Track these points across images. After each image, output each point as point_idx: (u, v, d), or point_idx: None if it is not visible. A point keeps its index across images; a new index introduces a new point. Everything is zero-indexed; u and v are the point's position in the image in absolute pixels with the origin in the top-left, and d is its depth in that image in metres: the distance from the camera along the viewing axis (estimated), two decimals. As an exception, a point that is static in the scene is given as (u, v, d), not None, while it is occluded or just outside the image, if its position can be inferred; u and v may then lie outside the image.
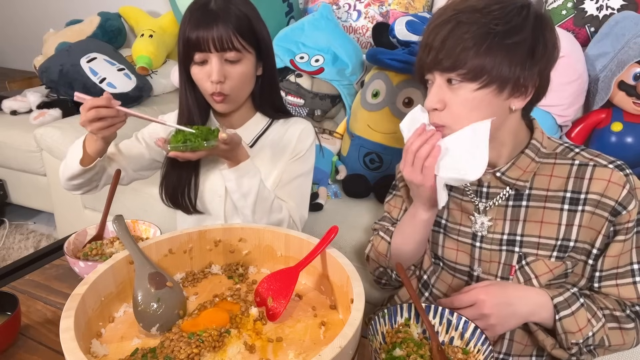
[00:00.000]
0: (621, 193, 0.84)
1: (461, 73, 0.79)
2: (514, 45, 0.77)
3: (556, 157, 0.90)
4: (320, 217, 1.62)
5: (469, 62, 0.77)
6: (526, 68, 0.79)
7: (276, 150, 1.18)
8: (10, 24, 3.34)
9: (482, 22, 0.77)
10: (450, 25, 0.79)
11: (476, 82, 0.79)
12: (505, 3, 0.78)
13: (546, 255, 0.90)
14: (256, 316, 0.75)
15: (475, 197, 0.95)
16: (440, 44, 0.79)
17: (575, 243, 0.89)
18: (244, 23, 1.03)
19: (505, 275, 0.94)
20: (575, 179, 0.87)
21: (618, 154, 1.56)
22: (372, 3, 2.07)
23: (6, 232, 2.51)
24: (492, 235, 0.93)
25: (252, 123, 1.18)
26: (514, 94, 0.81)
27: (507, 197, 0.92)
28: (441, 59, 0.79)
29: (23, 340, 0.84)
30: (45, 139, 2.00)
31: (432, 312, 0.79)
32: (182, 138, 0.96)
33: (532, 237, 0.91)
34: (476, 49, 0.77)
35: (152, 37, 2.34)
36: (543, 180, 0.90)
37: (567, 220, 0.88)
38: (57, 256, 1.11)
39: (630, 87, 1.53)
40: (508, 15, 0.77)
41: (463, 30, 0.77)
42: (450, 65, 0.79)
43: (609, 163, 0.87)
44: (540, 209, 0.90)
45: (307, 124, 1.21)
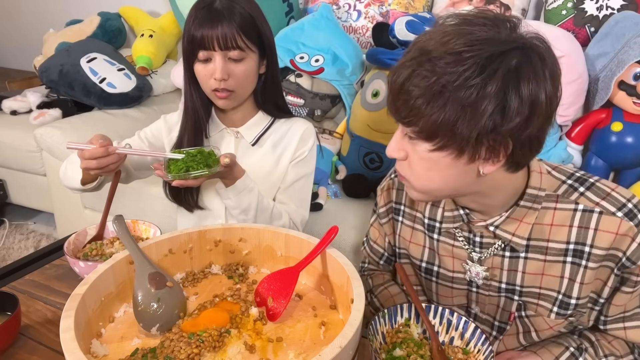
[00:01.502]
0: (630, 246, 0.74)
1: (415, 130, 0.68)
2: (470, 104, 0.62)
3: (557, 200, 0.78)
4: (320, 217, 1.62)
5: (421, 121, 0.66)
6: (489, 132, 0.64)
7: (277, 150, 1.18)
8: (10, 24, 3.34)
9: (440, 75, 0.63)
10: (407, 72, 0.66)
11: (430, 143, 0.68)
12: (475, 52, 0.62)
13: (547, 308, 0.83)
14: (256, 316, 0.75)
15: (468, 246, 0.86)
16: (398, 92, 0.68)
17: (578, 301, 0.80)
18: (248, 22, 1.04)
19: (504, 320, 0.89)
20: (579, 228, 0.76)
21: (618, 154, 1.58)
22: (372, 3, 2.07)
23: (6, 232, 2.51)
24: (490, 282, 0.86)
25: (254, 122, 1.18)
26: (481, 157, 0.67)
27: (503, 247, 0.82)
28: (397, 109, 0.69)
29: (23, 340, 0.84)
30: (45, 139, 2.00)
31: (432, 312, 0.79)
32: (183, 166, 0.93)
33: (532, 287, 0.83)
34: (428, 107, 0.64)
35: (152, 37, 2.34)
36: (543, 230, 0.79)
37: (570, 274, 0.79)
38: (57, 256, 1.11)
39: (630, 86, 1.53)
40: (471, 69, 0.62)
41: (418, 82, 0.65)
42: (405, 120, 0.68)
43: (618, 210, 0.75)
44: (541, 262, 0.80)
45: (308, 125, 1.21)
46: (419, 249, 0.93)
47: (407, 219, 0.95)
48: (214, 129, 1.19)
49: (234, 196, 1.04)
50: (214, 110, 1.19)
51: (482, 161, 0.68)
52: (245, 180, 1.05)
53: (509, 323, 0.89)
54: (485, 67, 0.62)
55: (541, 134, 0.68)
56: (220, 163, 0.95)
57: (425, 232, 0.92)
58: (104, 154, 0.92)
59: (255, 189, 1.07)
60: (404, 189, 0.94)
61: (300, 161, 1.19)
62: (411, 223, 0.94)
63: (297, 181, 1.19)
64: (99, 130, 2.03)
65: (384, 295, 0.99)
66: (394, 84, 0.69)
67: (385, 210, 0.98)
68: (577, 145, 1.70)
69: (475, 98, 0.62)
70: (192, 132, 1.14)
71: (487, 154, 0.67)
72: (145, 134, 1.22)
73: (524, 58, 0.64)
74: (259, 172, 1.16)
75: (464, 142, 0.65)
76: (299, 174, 1.19)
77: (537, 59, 0.65)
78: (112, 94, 2.14)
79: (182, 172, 0.93)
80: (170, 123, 1.22)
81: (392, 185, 0.97)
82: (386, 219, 0.99)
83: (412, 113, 0.66)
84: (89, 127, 2.04)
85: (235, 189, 1.04)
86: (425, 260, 0.93)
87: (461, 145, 0.66)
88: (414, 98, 0.65)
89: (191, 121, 1.14)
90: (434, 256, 0.91)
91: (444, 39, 0.65)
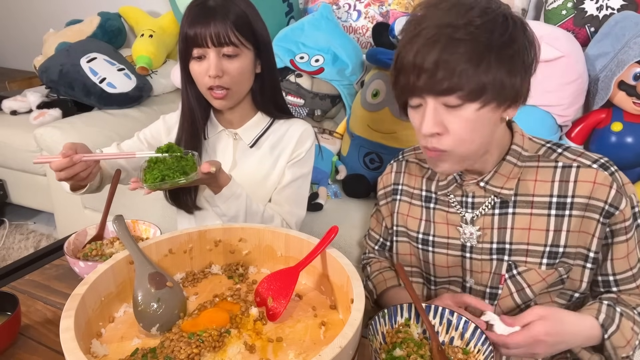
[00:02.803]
0: (609, 193, 0.82)
1: (461, 95, 0.73)
2: (510, 57, 0.73)
3: (539, 159, 0.87)
4: (320, 217, 1.62)
5: (469, 83, 0.72)
6: (523, 77, 0.76)
7: (276, 151, 1.18)
8: (10, 24, 3.34)
9: (476, 36, 0.71)
10: (441, 44, 0.71)
11: (477, 102, 0.74)
12: (487, 13, 0.72)
13: (535, 263, 0.87)
14: (256, 316, 0.75)
15: (461, 208, 0.92)
16: (434, 66, 0.72)
17: (565, 249, 0.86)
18: (242, 19, 1.04)
19: (495, 285, 0.92)
20: (560, 182, 0.85)
21: (618, 154, 1.58)
22: (372, 3, 2.07)
23: (6, 232, 2.51)
24: (482, 244, 0.91)
25: (252, 123, 1.18)
26: (511, 105, 0.79)
27: (492, 205, 0.89)
28: (437, 81, 0.72)
29: (23, 340, 0.84)
30: (45, 139, 2.00)
31: (432, 312, 0.79)
32: (159, 175, 0.90)
33: (520, 244, 0.88)
34: (475, 68, 0.71)
35: (152, 37, 2.34)
36: (528, 185, 0.87)
37: (555, 226, 0.86)
38: (57, 256, 1.11)
39: (630, 87, 1.53)
40: (499, 26, 0.72)
41: (458, 48, 0.71)
42: (447, 88, 0.72)
43: (593, 162, 0.84)
44: (527, 215, 0.87)
45: (307, 126, 1.20)
46: (415, 221, 0.99)
47: (405, 195, 1.01)
48: (212, 130, 1.18)
49: (221, 204, 1.04)
50: (212, 111, 1.18)
51: (509, 108, 0.79)
52: (232, 187, 1.03)
53: (499, 287, 0.92)
54: (507, 24, 0.73)
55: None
56: (201, 170, 0.92)
57: (423, 204, 0.98)
58: (69, 164, 0.91)
59: (243, 195, 1.06)
60: (403, 170, 1.02)
61: (298, 162, 1.19)
62: (409, 199, 1.01)
63: (293, 181, 1.19)
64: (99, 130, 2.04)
65: (378, 279, 1.05)
66: (425, 62, 0.72)
67: (384, 193, 1.06)
68: (577, 146, 1.70)
69: (509, 51, 0.72)
70: (189, 132, 1.14)
71: (518, 100, 0.78)
72: (145, 135, 1.22)
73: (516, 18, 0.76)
74: (256, 174, 1.16)
75: (506, 92, 0.75)
76: (295, 175, 1.19)
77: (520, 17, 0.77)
78: (112, 94, 2.14)
79: (157, 182, 0.90)
80: (170, 123, 1.22)
81: (392, 169, 1.06)
82: (384, 201, 1.05)
83: (459, 80, 0.71)
84: (89, 127, 2.04)
85: (221, 197, 1.03)
86: (422, 231, 0.98)
87: (504, 96, 0.75)
88: (459, 64, 0.71)
89: (188, 122, 1.14)
90: (430, 226, 0.97)
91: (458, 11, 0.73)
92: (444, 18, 0.73)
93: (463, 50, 0.71)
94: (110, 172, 1.10)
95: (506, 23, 0.73)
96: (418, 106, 0.79)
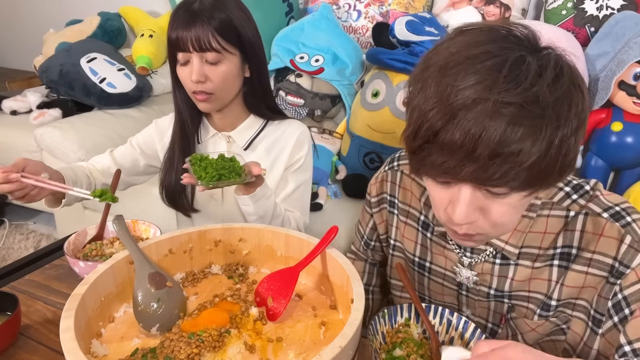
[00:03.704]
0: (619, 249, 0.70)
1: (514, 186, 0.60)
2: (565, 135, 0.57)
3: (552, 207, 0.76)
4: (320, 217, 1.62)
5: (522, 178, 0.58)
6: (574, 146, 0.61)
7: (272, 153, 1.17)
8: (10, 24, 3.34)
9: (551, 121, 0.56)
10: (501, 122, 0.54)
11: (526, 192, 0.62)
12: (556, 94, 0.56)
13: (534, 310, 0.81)
14: (256, 316, 0.75)
15: (459, 250, 0.85)
16: (492, 153, 0.56)
17: (558, 302, 0.78)
18: (226, 24, 1.02)
19: (496, 322, 0.88)
20: (566, 232, 0.75)
21: (618, 154, 1.58)
22: (372, 3, 2.07)
23: (6, 232, 2.51)
24: (480, 287, 0.85)
25: (245, 125, 1.17)
26: None
27: (494, 255, 0.81)
28: (491, 173, 0.57)
29: (23, 340, 0.84)
30: (45, 139, 2.00)
31: (432, 312, 0.79)
32: (215, 174, 0.91)
33: (521, 291, 0.82)
34: (536, 158, 0.56)
35: (152, 37, 2.34)
36: (535, 237, 0.77)
37: (557, 277, 0.77)
38: (57, 256, 1.11)
39: (630, 86, 1.53)
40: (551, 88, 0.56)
41: (525, 136, 0.55)
42: (502, 182, 0.59)
43: (604, 211, 0.72)
44: (529, 269, 0.79)
45: (303, 128, 1.19)
46: (411, 244, 0.94)
47: (401, 213, 0.95)
48: (205, 134, 1.18)
49: (252, 203, 1.03)
50: (204, 115, 1.18)
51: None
52: (264, 187, 1.03)
53: (500, 326, 0.87)
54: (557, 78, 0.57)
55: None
56: (253, 173, 0.95)
57: (419, 229, 0.91)
58: (3, 180, 0.90)
59: (272, 197, 1.06)
60: (398, 183, 0.94)
61: (299, 168, 1.18)
62: (404, 218, 0.94)
63: (297, 189, 1.19)
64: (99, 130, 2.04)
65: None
66: (478, 147, 0.56)
67: (377, 200, 0.98)
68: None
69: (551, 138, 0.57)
70: (179, 135, 1.14)
71: None
72: (137, 140, 1.22)
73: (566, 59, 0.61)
74: None
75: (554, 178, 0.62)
76: (298, 182, 1.19)
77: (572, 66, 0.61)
78: (112, 94, 2.14)
79: (214, 181, 0.91)
80: (162, 128, 1.22)
81: (386, 177, 0.96)
82: (377, 209, 0.99)
83: (516, 174, 0.57)
84: (89, 127, 2.04)
85: (254, 197, 1.02)
86: (418, 255, 0.93)
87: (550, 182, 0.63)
88: (526, 158, 0.56)
89: (179, 124, 1.14)
90: (427, 253, 0.91)
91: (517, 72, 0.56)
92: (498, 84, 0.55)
93: (522, 133, 0.55)
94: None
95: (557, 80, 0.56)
96: (446, 182, 0.65)
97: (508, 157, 0.56)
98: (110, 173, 1.13)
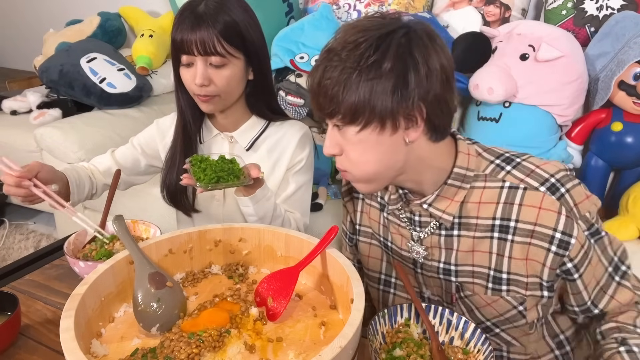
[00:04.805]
0: (558, 220, 0.76)
1: (339, 118, 0.75)
2: (378, 78, 0.71)
3: (486, 179, 0.82)
4: (320, 217, 1.62)
5: (342, 105, 0.73)
6: (401, 99, 0.72)
7: (274, 155, 1.17)
8: (10, 24, 3.34)
9: (345, 63, 0.72)
10: (321, 69, 0.75)
11: (355, 124, 0.74)
12: (367, 36, 0.72)
13: (482, 286, 0.86)
14: (256, 316, 0.75)
15: (410, 225, 0.90)
16: (317, 91, 0.76)
17: (509, 275, 0.83)
18: (231, 28, 1.01)
19: (449, 301, 0.91)
20: (505, 204, 0.80)
21: (618, 154, 1.58)
22: (372, 3, 2.07)
23: (6, 232, 2.51)
24: (430, 262, 0.89)
25: (248, 126, 1.17)
26: (402, 127, 0.74)
27: (438, 226, 0.86)
28: (320, 105, 0.76)
29: (23, 340, 0.84)
30: (45, 139, 2.00)
31: (432, 312, 0.79)
32: (214, 176, 0.91)
33: (466, 265, 0.86)
34: (344, 92, 0.72)
35: (152, 37, 2.34)
36: (472, 207, 0.83)
37: (498, 250, 0.82)
38: (57, 256, 1.11)
39: (630, 86, 1.53)
40: (371, 49, 0.71)
41: (330, 74, 0.73)
42: (329, 112, 0.75)
43: (541, 184, 0.78)
44: (471, 238, 0.84)
45: (305, 129, 1.19)
46: (376, 224, 0.98)
47: (366, 196, 1.00)
48: (207, 134, 1.18)
49: (252, 204, 1.03)
50: (206, 116, 1.18)
51: (404, 130, 0.75)
52: (264, 189, 1.03)
53: (453, 304, 0.91)
54: (378, 46, 0.71)
55: (447, 94, 0.75)
56: (251, 175, 0.95)
57: (379, 209, 0.97)
58: (16, 184, 0.92)
59: (272, 198, 1.07)
60: None
61: (300, 169, 1.18)
62: (369, 201, 0.99)
63: (298, 190, 1.19)
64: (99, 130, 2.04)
65: None
66: (312, 85, 0.76)
67: (347, 189, 1.04)
68: (577, 145, 1.70)
69: (378, 73, 0.71)
70: (181, 135, 1.14)
71: (406, 123, 0.74)
72: (139, 140, 1.22)
73: (411, 33, 0.73)
74: None
75: (381, 114, 0.72)
76: (299, 183, 1.18)
77: (422, 33, 0.74)
78: (112, 94, 2.14)
79: (212, 182, 0.91)
80: (163, 128, 1.21)
81: None
82: (348, 197, 1.04)
83: (332, 103, 0.74)
84: (89, 127, 2.04)
85: (254, 198, 1.02)
86: (382, 236, 0.97)
87: (381, 118, 0.73)
88: (330, 88, 0.73)
89: (181, 125, 1.14)
90: (387, 233, 0.96)
91: (341, 36, 0.75)
92: (335, 41, 0.75)
93: (334, 76, 0.73)
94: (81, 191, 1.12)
95: (378, 44, 0.71)
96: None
97: (324, 90, 0.74)
98: (111, 173, 1.13)
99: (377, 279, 1.03)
